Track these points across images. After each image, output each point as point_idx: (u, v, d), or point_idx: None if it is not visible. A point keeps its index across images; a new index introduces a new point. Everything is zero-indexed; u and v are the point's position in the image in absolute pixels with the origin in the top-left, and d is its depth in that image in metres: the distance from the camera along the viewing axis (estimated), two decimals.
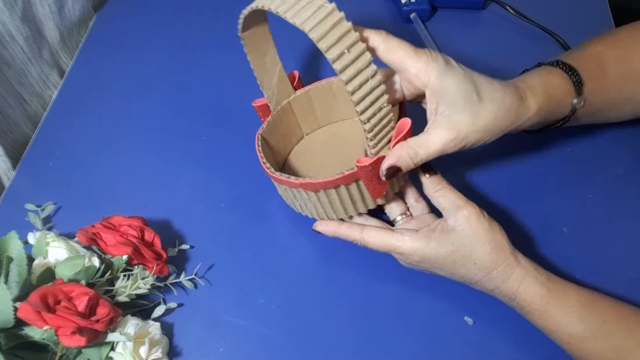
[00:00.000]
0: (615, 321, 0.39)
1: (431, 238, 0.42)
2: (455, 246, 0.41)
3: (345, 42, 0.34)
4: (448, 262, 0.42)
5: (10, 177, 0.55)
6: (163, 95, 0.62)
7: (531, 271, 0.41)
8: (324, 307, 0.47)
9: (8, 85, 0.56)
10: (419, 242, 0.42)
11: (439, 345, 0.45)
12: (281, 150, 0.52)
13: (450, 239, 0.41)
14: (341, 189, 0.42)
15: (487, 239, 0.41)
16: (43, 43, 0.61)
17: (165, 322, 0.45)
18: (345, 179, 0.41)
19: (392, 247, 0.43)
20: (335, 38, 0.34)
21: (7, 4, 0.53)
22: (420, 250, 0.42)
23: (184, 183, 0.54)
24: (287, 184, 0.43)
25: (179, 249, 0.49)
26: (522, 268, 0.41)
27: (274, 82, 0.48)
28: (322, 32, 0.34)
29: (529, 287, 0.40)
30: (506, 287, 0.41)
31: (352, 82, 0.35)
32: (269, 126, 0.50)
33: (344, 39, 0.34)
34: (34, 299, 0.38)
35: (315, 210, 0.46)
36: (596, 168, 0.55)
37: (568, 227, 0.51)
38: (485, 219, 0.41)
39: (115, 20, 0.70)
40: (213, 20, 0.70)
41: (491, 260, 0.41)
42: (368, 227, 0.44)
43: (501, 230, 0.42)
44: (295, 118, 0.52)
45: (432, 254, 0.42)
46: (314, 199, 0.44)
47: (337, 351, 0.44)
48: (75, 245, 0.45)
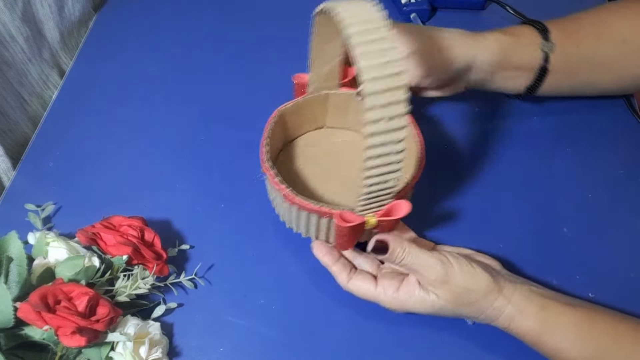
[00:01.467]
0: (612, 345, 0.39)
1: (411, 296, 0.42)
2: (436, 308, 0.41)
3: (390, 111, 0.32)
4: (434, 313, 0.42)
5: (10, 177, 0.55)
6: (163, 95, 0.62)
7: (522, 307, 0.40)
8: (324, 307, 0.47)
9: (8, 85, 0.56)
10: (400, 300, 0.42)
11: (439, 345, 0.45)
12: (295, 130, 0.52)
13: (429, 300, 0.41)
14: (312, 216, 0.41)
15: (464, 297, 0.40)
16: (43, 43, 0.61)
17: (165, 322, 0.45)
18: (317, 211, 0.40)
19: (376, 301, 0.43)
20: (384, 102, 0.31)
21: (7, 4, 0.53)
22: (403, 308, 0.42)
23: (184, 183, 0.54)
24: (272, 181, 0.43)
25: (179, 249, 0.49)
26: (510, 307, 0.40)
27: (324, 70, 0.47)
28: (375, 89, 0.31)
29: (520, 323, 0.40)
30: (498, 324, 0.41)
31: (374, 149, 0.33)
32: (295, 106, 0.49)
33: (391, 107, 0.32)
34: (34, 299, 0.38)
35: (282, 213, 0.45)
36: (596, 168, 0.55)
37: (568, 227, 0.51)
38: (458, 278, 0.40)
39: (115, 20, 0.70)
40: (213, 20, 0.70)
41: (475, 310, 0.41)
42: (356, 275, 0.44)
43: (479, 275, 0.40)
44: (325, 109, 0.51)
45: (415, 311, 0.42)
46: (285, 205, 0.43)
47: (337, 351, 0.44)
48: (75, 245, 0.45)
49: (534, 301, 0.40)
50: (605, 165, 0.55)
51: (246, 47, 0.66)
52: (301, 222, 0.43)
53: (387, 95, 0.31)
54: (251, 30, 0.69)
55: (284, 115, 0.48)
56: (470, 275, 0.40)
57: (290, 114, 0.49)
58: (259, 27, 0.69)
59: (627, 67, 0.53)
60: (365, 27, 0.32)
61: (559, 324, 0.40)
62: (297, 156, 0.51)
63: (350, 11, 0.32)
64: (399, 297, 0.42)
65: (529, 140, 0.57)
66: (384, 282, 0.43)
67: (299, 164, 0.51)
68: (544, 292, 0.42)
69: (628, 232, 0.51)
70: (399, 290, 0.42)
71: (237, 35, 0.68)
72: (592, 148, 0.56)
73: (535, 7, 0.66)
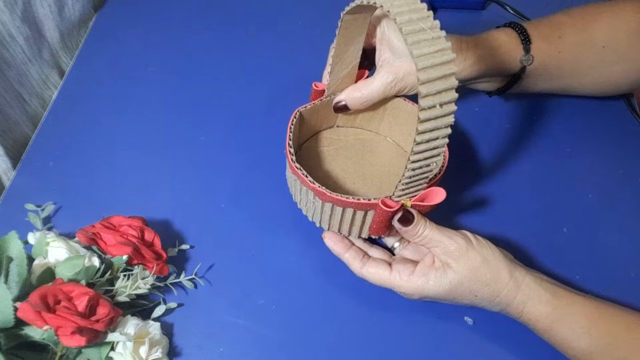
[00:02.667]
0: (622, 334, 0.39)
1: (428, 278, 0.42)
2: (453, 284, 0.41)
3: (442, 98, 0.33)
4: (449, 298, 0.42)
5: (10, 177, 0.55)
6: (163, 95, 0.62)
7: (534, 291, 0.41)
8: (324, 307, 0.47)
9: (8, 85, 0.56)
10: (417, 283, 0.42)
11: (439, 345, 0.45)
12: (308, 131, 0.52)
13: (446, 278, 0.41)
14: (347, 211, 0.42)
15: (482, 274, 0.41)
16: (43, 43, 0.61)
17: (165, 322, 0.45)
18: (358, 205, 0.41)
19: (390, 286, 0.43)
20: (436, 89, 0.33)
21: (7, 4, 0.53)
22: (419, 290, 0.42)
23: (184, 183, 0.54)
24: (303, 182, 0.43)
25: (179, 249, 0.49)
26: (524, 291, 0.41)
27: (343, 73, 0.48)
28: (429, 77, 0.32)
29: (533, 308, 0.41)
30: (511, 309, 0.42)
31: (425, 134, 0.34)
32: (313, 108, 0.50)
33: (444, 94, 0.33)
34: (34, 299, 0.38)
35: (312, 213, 0.46)
36: (596, 168, 0.55)
37: (568, 227, 0.51)
38: (477, 252, 0.41)
39: (115, 20, 0.70)
40: (213, 20, 0.70)
41: (491, 291, 0.41)
42: (369, 262, 0.44)
43: (497, 256, 0.42)
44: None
45: (432, 293, 0.42)
46: (317, 205, 0.44)
47: (337, 351, 0.44)
48: (75, 245, 0.45)
49: (546, 288, 0.41)
50: (605, 165, 0.55)
51: (246, 47, 0.66)
52: (334, 218, 0.44)
53: (440, 83, 0.33)
54: (251, 30, 0.69)
55: (302, 116, 0.49)
56: (488, 253, 0.41)
57: (307, 115, 0.50)
58: (259, 27, 0.69)
59: (607, 74, 0.53)
60: (413, 16, 0.33)
61: (570, 313, 0.40)
62: (313, 156, 0.52)
63: (395, 1, 0.34)
64: (414, 280, 0.42)
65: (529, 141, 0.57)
66: (399, 267, 0.43)
67: (316, 163, 0.51)
68: (554, 282, 0.42)
69: (628, 232, 0.51)
70: (414, 273, 0.42)
71: (237, 35, 0.68)
72: (592, 148, 0.56)
73: (535, 8, 0.66)
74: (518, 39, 0.51)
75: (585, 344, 0.39)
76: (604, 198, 0.53)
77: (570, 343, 0.40)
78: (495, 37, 0.51)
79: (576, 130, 0.57)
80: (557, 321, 0.40)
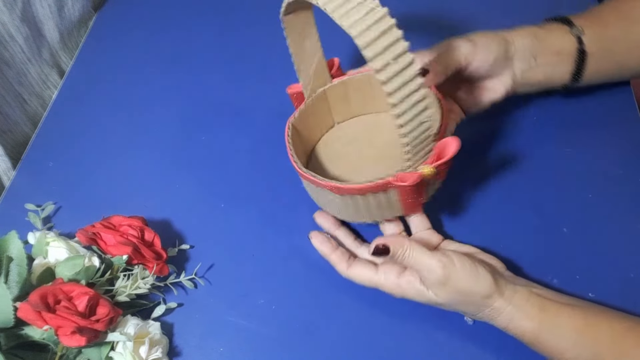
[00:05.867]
0: (609, 345, 0.39)
1: (412, 286, 0.42)
2: (434, 302, 0.42)
3: (392, 52, 0.32)
4: (435, 305, 0.42)
5: (10, 177, 0.55)
6: (163, 95, 0.62)
7: (521, 308, 0.40)
8: (324, 307, 0.47)
9: (8, 85, 0.56)
10: (401, 288, 0.42)
11: (439, 345, 0.45)
12: (311, 138, 0.52)
13: (428, 294, 0.41)
14: (370, 197, 0.41)
15: (463, 298, 0.41)
16: (43, 43, 0.61)
17: (165, 322, 0.45)
18: (374, 187, 0.40)
19: (377, 286, 0.43)
20: (382, 47, 0.32)
21: (7, 4, 0.53)
22: (404, 294, 0.42)
23: (184, 183, 0.54)
24: (313, 182, 0.43)
25: (179, 249, 0.49)
26: (509, 310, 0.40)
27: (312, 69, 0.47)
28: (369, 39, 0.31)
29: (518, 324, 0.40)
30: (496, 322, 0.41)
31: (395, 94, 0.33)
32: (301, 114, 0.49)
33: (391, 48, 0.32)
34: (34, 298, 0.38)
35: (339, 211, 0.45)
36: (596, 168, 0.55)
37: (568, 227, 0.51)
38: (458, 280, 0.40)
39: (115, 20, 0.70)
40: (213, 20, 0.70)
41: (474, 309, 0.41)
42: (355, 263, 0.44)
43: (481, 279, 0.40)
44: (328, 106, 0.51)
45: (415, 300, 0.42)
46: (338, 201, 0.43)
47: (336, 351, 0.44)
48: (75, 245, 0.45)
49: (533, 303, 0.40)
50: (605, 165, 0.55)
51: (246, 47, 0.66)
52: (360, 209, 0.43)
53: (382, 40, 0.32)
54: (251, 29, 0.69)
55: (295, 125, 0.48)
56: (472, 277, 0.40)
57: (299, 123, 0.49)
58: (259, 27, 0.69)
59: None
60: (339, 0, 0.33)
61: (556, 325, 0.40)
62: (323, 161, 0.51)
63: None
64: (400, 283, 0.42)
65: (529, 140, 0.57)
66: (385, 268, 0.43)
67: (327, 168, 0.51)
68: (543, 294, 0.41)
69: (628, 232, 0.51)
70: (400, 276, 0.42)
71: (237, 35, 0.68)
72: (592, 148, 0.56)
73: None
74: (557, 21, 0.52)
75: (572, 355, 0.39)
76: (604, 198, 0.53)
77: (557, 355, 0.40)
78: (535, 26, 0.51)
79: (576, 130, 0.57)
80: (544, 334, 0.40)
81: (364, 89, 0.51)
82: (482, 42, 0.48)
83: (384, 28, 0.32)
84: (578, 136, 0.56)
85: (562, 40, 0.51)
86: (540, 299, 0.41)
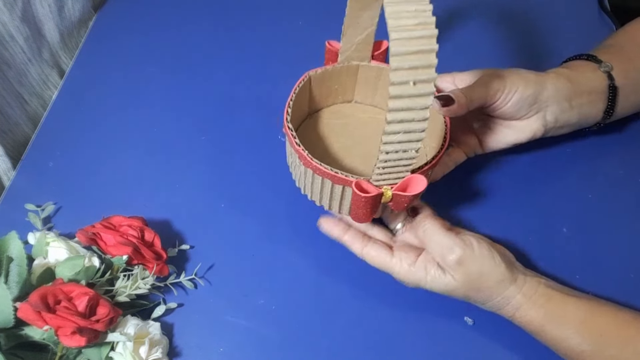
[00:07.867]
0: (613, 333, 0.40)
1: (427, 273, 0.42)
2: (449, 288, 0.42)
3: (416, 75, 0.30)
4: (445, 293, 0.43)
5: (10, 177, 0.55)
6: (163, 95, 0.62)
7: (529, 298, 0.41)
8: (324, 307, 0.47)
9: (8, 85, 0.56)
10: (416, 275, 0.42)
11: (439, 345, 0.45)
12: (321, 101, 0.51)
13: (444, 280, 0.42)
14: (326, 182, 0.40)
15: (478, 284, 0.41)
16: (43, 43, 0.61)
17: (165, 322, 0.45)
18: (334, 178, 0.39)
19: (390, 271, 0.44)
20: (410, 65, 0.30)
21: (7, 4, 0.53)
22: (415, 282, 0.43)
23: (184, 183, 0.54)
24: (290, 142, 0.42)
25: (179, 249, 0.49)
26: (518, 299, 0.41)
27: (357, 39, 0.45)
28: (404, 50, 0.30)
29: (525, 312, 0.41)
30: (503, 312, 0.42)
31: (394, 114, 0.32)
32: (324, 73, 0.47)
33: (418, 71, 0.30)
34: (34, 299, 0.38)
35: (297, 178, 0.45)
36: (596, 168, 0.55)
37: (568, 227, 0.51)
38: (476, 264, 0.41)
39: (115, 20, 0.70)
40: (213, 20, 0.70)
41: (485, 297, 0.42)
42: (371, 244, 0.44)
43: (496, 265, 0.41)
44: (354, 82, 0.50)
45: (427, 287, 0.43)
46: (301, 170, 0.42)
47: (337, 351, 0.45)
48: (75, 245, 0.45)
49: (541, 294, 0.41)
50: (605, 165, 0.55)
51: (247, 47, 0.66)
52: (315, 188, 0.42)
53: (416, 58, 0.30)
54: (252, 29, 0.69)
55: (312, 80, 0.46)
56: (488, 260, 0.41)
57: (318, 80, 0.47)
58: (259, 27, 0.69)
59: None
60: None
61: (562, 314, 0.40)
62: (321, 126, 0.50)
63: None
64: (414, 271, 0.42)
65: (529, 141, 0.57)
66: (401, 254, 0.43)
67: (321, 134, 0.50)
68: (551, 285, 0.43)
69: (628, 232, 0.51)
70: (415, 264, 0.42)
71: (237, 34, 0.68)
72: (592, 148, 0.56)
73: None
74: (582, 59, 0.51)
75: (576, 343, 0.40)
76: (604, 198, 0.53)
77: (561, 342, 0.40)
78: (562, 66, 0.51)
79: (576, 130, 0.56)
80: (549, 323, 0.41)
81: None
82: (514, 81, 0.46)
83: (424, 49, 0.30)
84: (579, 137, 0.56)
85: (594, 79, 0.50)
86: (548, 289, 0.42)
